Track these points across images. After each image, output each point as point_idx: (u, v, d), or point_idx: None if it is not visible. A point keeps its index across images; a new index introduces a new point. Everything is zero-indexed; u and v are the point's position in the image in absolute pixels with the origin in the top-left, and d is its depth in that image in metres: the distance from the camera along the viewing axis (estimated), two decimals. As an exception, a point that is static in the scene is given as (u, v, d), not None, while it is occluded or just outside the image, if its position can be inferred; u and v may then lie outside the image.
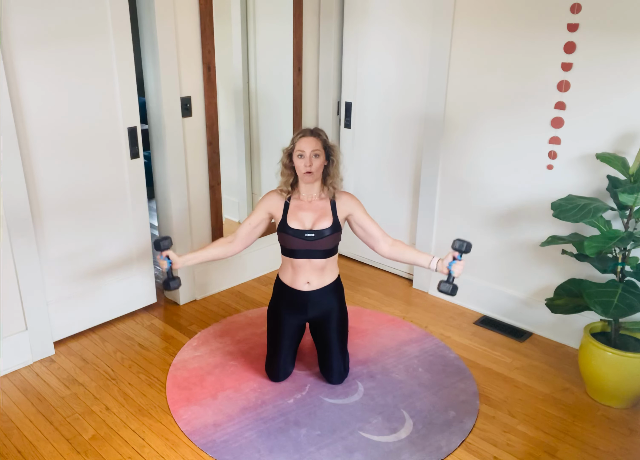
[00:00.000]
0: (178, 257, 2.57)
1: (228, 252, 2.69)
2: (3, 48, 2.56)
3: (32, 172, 2.80)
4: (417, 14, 3.43)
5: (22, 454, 2.39)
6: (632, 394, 2.64)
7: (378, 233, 2.65)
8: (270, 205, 2.65)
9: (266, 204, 2.66)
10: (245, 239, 2.68)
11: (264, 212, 2.66)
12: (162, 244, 2.54)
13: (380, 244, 2.65)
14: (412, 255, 2.62)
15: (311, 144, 2.50)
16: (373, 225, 2.65)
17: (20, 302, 2.88)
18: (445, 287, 2.50)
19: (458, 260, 2.46)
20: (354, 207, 2.64)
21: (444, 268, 2.50)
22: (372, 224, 2.65)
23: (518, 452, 2.43)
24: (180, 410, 2.62)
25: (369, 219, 2.65)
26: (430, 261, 2.55)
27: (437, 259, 2.54)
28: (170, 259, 2.55)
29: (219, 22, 3.32)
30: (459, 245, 2.44)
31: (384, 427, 2.53)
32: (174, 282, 2.58)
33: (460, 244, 2.44)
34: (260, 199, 2.70)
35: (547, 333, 3.23)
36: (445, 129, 3.40)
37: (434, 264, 2.54)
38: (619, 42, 2.66)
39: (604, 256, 2.69)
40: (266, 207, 2.66)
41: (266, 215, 2.67)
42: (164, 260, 2.54)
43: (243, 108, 4.07)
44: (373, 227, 2.64)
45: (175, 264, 2.56)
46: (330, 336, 2.73)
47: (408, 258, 2.63)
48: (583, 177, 2.92)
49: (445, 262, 2.49)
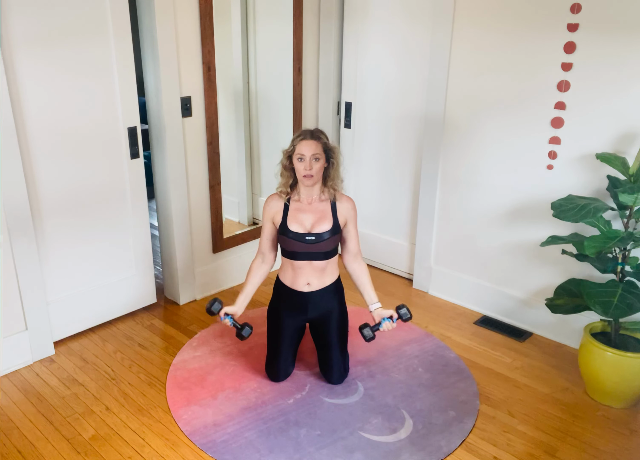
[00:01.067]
0: (233, 307, 2.64)
1: (267, 271, 2.79)
2: (3, 48, 2.56)
3: (32, 172, 2.80)
4: (417, 14, 3.43)
5: (22, 454, 2.39)
6: (632, 394, 2.64)
7: (355, 250, 2.73)
8: (272, 213, 2.67)
9: (269, 213, 2.69)
10: (271, 252, 2.76)
11: (270, 222, 2.70)
12: (215, 308, 2.60)
13: (350, 257, 2.73)
14: (363, 287, 2.71)
15: (311, 147, 2.49)
16: (354, 241, 2.73)
17: (20, 302, 2.88)
18: (367, 333, 2.58)
19: (392, 322, 2.57)
20: (350, 217, 2.68)
21: (379, 318, 2.60)
22: (354, 239, 2.72)
23: (518, 452, 2.43)
24: (180, 410, 2.62)
25: (355, 234, 2.73)
26: (373, 303, 2.66)
27: (379, 306, 2.64)
28: (229, 315, 2.61)
29: (219, 22, 3.32)
30: (403, 312, 2.57)
31: (384, 427, 2.53)
32: (245, 330, 2.64)
33: (404, 313, 2.57)
34: (263, 208, 2.72)
35: (547, 333, 3.23)
36: (445, 129, 3.40)
37: (373, 308, 2.66)
38: (619, 42, 2.66)
39: (604, 256, 2.69)
40: (270, 216, 2.69)
41: (273, 222, 2.70)
42: (226, 319, 2.60)
43: (243, 108, 4.07)
44: (354, 242, 2.73)
45: (235, 315, 2.64)
46: (331, 336, 2.73)
47: (359, 284, 2.73)
48: (583, 177, 2.92)
49: (384, 313, 2.59)
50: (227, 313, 2.60)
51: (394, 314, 2.58)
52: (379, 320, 2.59)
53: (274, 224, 2.69)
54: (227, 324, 2.61)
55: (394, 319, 2.58)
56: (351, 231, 2.70)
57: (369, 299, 2.68)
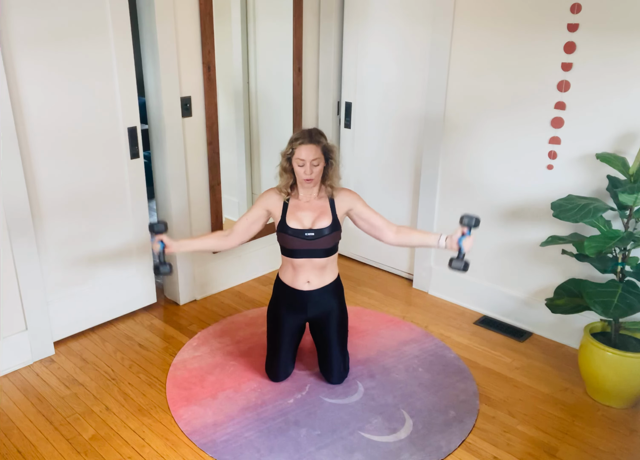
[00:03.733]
0: (172, 241, 2.57)
1: (223, 246, 2.69)
2: (3, 48, 2.56)
3: (32, 172, 2.80)
4: (417, 14, 3.43)
5: (22, 454, 2.39)
6: (632, 394, 2.64)
7: (381, 222, 2.63)
8: (269, 202, 2.65)
9: (265, 201, 2.65)
10: (242, 234, 2.68)
11: (262, 209, 2.65)
12: (156, 227, 2.53)
13: (385, 233, 2.63)
14: (420, 238, 2.60)
15: (310, 152, 2.48)
16: (375, 216, 2.63)
17: (20, 302, 2.88)
18: (457, 264, 2.44)
19: (467, 236, 2.43)
20: (353, 201, 2.63)
21: (454, 244, 2.46)
22: (374, 215, 2.63)
23: (518, 452, 2.43)
24: (180, 410, 2.62)
25: (370, 211, 2.64)
26: (438, 239, 2.52)
27: (445, 237, 2.51)
28: (164, 243, 2.54)
29: (219, 22, 3.32)
30: (467, 220, 2.42)
31: (384, 427, 2.53)
32: (165, 267, 2.56)
33: (469, 220, 2.41)
34: (259, 196, 2.70)
35: (547, 333, 3.23)
36: (445, 129, 3.40)
37: (442, 242, 2.50)
38: (619, 42, 2.66)
39: (604, 256, 2.68)
40: (265, 204, 2.65)
41: (264, 212, 2.66)
42: (157, 244, 2.53)
43: (243, 108, 4.07)
44: (375, 217, 2.63)
45: (168, 248, 2.56)
46: (330, 336, 2.73)
47: (416, 241, 2.61)
48: (583, 177, 2.92)
49: (455, 238, 2.45)
50: (162, 241, 2.53)
51: (464, 229, 2.42)
52: (458, 246, 2.44)
53: (267, 212, 2.65)
54: (157, 248, 2.53)
55: (466, 233, 2.42)
56: (364, 210, 2.62)
57: (433, 241, 2.53)
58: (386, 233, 2.63)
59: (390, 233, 2.63)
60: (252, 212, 2.66)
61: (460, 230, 2.45)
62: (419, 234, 2.62)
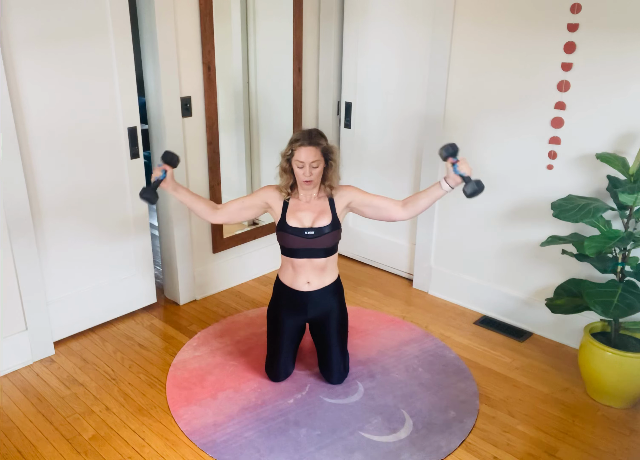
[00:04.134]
0: (174, 180, 2.55)
1: (207, 215, 2.65)
2: (3, 48, 2.56)
3: (32, 172, 2.80)
4: (417, 13, 3.43)
5: (22, 454, 2.39)
6: (632, 394, 2.64)
7: (386, 203, 2.61)
8: (269, 196, 2.64)
9: (265, 193, 2.65)
10: (231, 214, 2.66)
11: (260, 199, 2.65)
12: (170, 157, 2.50)
13: (394, 210, 2.60)
14: (426, 198, 2.54)
15: (310, 154, 2.47)
16: (378, 199, 2.61)
17: (20, 302, 2.88)
18: (471, 187, 2.35)
19: (457, 161, 2.40)
20: (352, 194, 2.63)
21: (453, 176, 2.42)
22: (375, 198, 2.62)
23: (518, 452, 2.43)
24: (180, 410, 2.62)
25: (371, 195, 2.63)
26: (440, 186, 2.48)
27: (444, 179, 2.46)
28: (166, 174, 2.51)
29: (219, 22, 3.32)
30: (445, 152, 2.40)
31: (384, 427, 2.53)
32: (149, 192, 2.47)
33: (446, 151, 2.40)
34: (261, 188, 2.69)
35: (547, 333, 3.23)
36: (445, 129, 3.40)
37: (445, 186, 2.46)
38: (619, 42, 2.66)
39: (604, 256, 2.68)
40: (265, 196, 2.65)
41: (262, 203, 2.65)
42: (160, 171, 2.50)
43: (243, 108, 4.07)
44: (378, 200, 2.61)
45: (166, 182, 2.52)
46: (330, 336, 2.73)
47: (425, 203, 2.55)
48: (583, 177, 2.92)
49: (451, 173, 2.42)
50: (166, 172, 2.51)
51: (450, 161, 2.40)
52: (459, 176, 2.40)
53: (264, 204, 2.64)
54: (157, 174, 2.49)
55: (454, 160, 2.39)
56: (366, 197, 2.61)
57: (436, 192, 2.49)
58: (395, 210, 2.60)
59: (399, 209, 2.60)
60: (249, 198, 2.66)
61: (448, 164, 2.43)
62: (423, 195, 2.56)
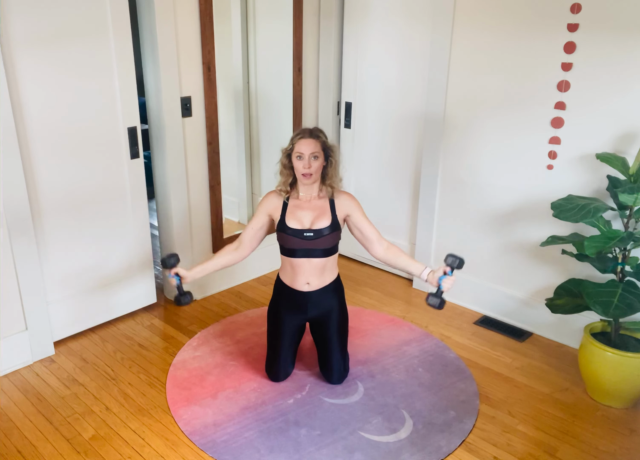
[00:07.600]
0: (186, 271, 2.60)
1: (236, 259, 2.71)
2: (3, 48, 2.56)
3: (32, 172, 2.80)
4: (417, 13, 3.43)
5: (22, 454, 2.39)
6: (632, 394, 2.64)
7: (374, 236, 2.65)
8: (269, 207, 2.66)
9: (266, 206, 2.67)
10: (250, 243, 2.70)
11: (264, 215, 2.68)
12: (169, 261, 2.57)
13: (375, 246, 2.66)
14: (405, 262, 2.63)
15: (310, 146, 2.50)
16: (370, 228, 2.65)
17: (20, 302, 2.88)
18: (433, 301, 2.50)
19: (449, 276, 2.47)
20: (352, 209, 2.64)
21: (435, 281, 2.51)
22: (369, 226, 2.65)
23: (518, 452, 2.43)
24: (180, 410, 2.62)
25: (367, 222, 2.66)
26: (422, 271, 2.57)
27: (429, 271, 2.55)
28: (179, 276, 2.57)
29: (219, 22, 3.32)
30: (451, 261, 2.46)
31: (384, 427, 2.53)
32: (185, 297, 2.60)
33: (452, 260, 2.46)
34: (260, 201, 2.71)
35: (547, 333, 3.23)
36: (445, 129, 3.40)
37: (425, 275, 2.55)
38: (619, 42, 2.66)
39: (604, 256, 2.69)
40: (266, 209, 2.67)
41: (267, 217, 2.68)
42: (173, 278, 2.57)
43: (243, 108, 4.07)
44: (370, 229, 2.65)
45: (184, 280, 2.59)
46: (330, 336, 2.73)
47: (401, 264, 2.64)
48: (583, 177, 2.92)
49: (437, 275, 2.50)
50: (178, 273, 2.57)
51: (446, 269, 2.46)
52: (437, 284, 2.49)
53: (269, 217, 2.67)
54: (173, 283, 2.56)
55: (449, 272, 2.46)
56: (361, 220, 2.64)
57: (416, 270, 2.58)
58: (376, 247, 2.66)
59: (380, 248, 2.66)
60: (256, 220, 2.69)
61: (442, 269, 2.49)
62: (406, 258, 2.64)
